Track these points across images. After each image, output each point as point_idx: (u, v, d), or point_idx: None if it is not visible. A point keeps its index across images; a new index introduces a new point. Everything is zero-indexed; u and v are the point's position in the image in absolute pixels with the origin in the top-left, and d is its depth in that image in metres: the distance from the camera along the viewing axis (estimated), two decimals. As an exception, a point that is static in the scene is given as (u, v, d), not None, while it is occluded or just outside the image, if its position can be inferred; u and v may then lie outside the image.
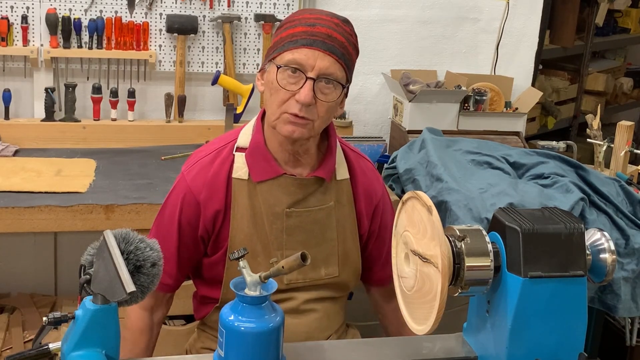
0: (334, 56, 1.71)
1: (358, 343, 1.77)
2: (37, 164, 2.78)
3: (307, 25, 1.72)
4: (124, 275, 1.29)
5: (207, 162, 1.82)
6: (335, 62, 1.71)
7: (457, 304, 1.87)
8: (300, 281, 1.85)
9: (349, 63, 1.76)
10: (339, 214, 1.87)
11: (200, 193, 1.80)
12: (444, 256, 1.26)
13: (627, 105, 5.71)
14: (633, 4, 5.53)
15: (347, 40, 1.74)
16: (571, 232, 1.34)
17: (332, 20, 1.74)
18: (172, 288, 1.90)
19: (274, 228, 1.81)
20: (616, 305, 2.22)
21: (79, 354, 1.31)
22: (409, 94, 3.14)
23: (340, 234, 1.87)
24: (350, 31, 1.77)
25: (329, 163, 1.85)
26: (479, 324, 1.46)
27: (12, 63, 3.01)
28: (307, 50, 1.70)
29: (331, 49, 1.71)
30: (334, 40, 1.71)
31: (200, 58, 3.19)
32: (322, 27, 1.72)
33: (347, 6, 3.30)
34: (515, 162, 2.59)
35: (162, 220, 1.85)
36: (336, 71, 1.72)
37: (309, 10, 1.80)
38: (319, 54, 1.69)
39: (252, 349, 1.37)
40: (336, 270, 1.88)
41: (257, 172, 1.79)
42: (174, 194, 1.84)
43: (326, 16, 1.75)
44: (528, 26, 3.59)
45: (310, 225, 1.83)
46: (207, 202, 1.80)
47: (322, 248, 1.85)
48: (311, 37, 1.70)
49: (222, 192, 1.80)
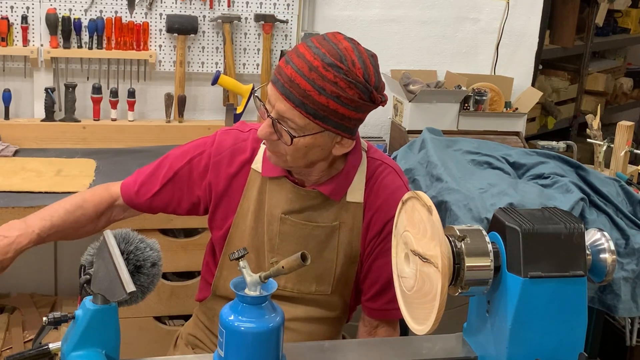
0: (289, 102, 1.60)
1: (358, 343, 1.77)
2: (37, 164, 2.78)
3: (285, 61, 1.62)
4: (124, 275, 1.30)
5: (240, 136, 1.83)
6: (292, 108, 1.60)
7: (457, 304, 1.87)
8: (287, 290, 1.81)
9: (315, 111, 1.59)
10: (342, 236, 1.79)
11: (217, 156, 1.82)
12: (444, 256, 1.26)
13: (627, 105, 5.71)
14: (633, 4, 5.53)
15: (317, 88, 1.57)
16: (571, 232, 1.34)
17: (311, 63, 1.58)
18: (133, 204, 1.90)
19: (270, 229, 1.80)
20: (616, 305, 2.22)
21: (79, 354, 1.31)
22: (409, 94, 3.14)
23: (341, 256, 1.81)
24: (333, 78, 1.57)
25: (339, 183, 1.76)
26: (479, 324, 1.46)
27: (12, 63, 3.01)
28: (271, 87, 1.63)
29: (287, 94, 1.60)
30: (294, 87, 1.59)
31: (200, 58, 3.19)
32: (291, 68, 1.60)
33: (347, 6, 3.30)
34: (515, 162, 2.60)
35: (175, 152, 1.89)
36: (294, 117, 1.60)
37: (313, 39, 1.64)
38: (278, 96, 1.61)
39: (252, 349, 1.37)
40: (328, 289, 1.83)
41: (267, 167, 1.79)
42: (200, 141, 1.87)
43: (312, 56, 1.59)
44: (528, 26, 3.59)
45: (305, 239, 1.78)
46: (215, 169, 1.81)
47: (317, 266, 1.79)
48: (277, 76, 1.62)
49: (232, 171, 1.81)
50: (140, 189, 1.88)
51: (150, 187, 1.87)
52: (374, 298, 1.83)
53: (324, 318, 1.88)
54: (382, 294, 1.81)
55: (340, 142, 1.68)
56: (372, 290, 1.83)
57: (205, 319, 1.96)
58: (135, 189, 1.89)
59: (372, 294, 1.83)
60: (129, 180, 1.92)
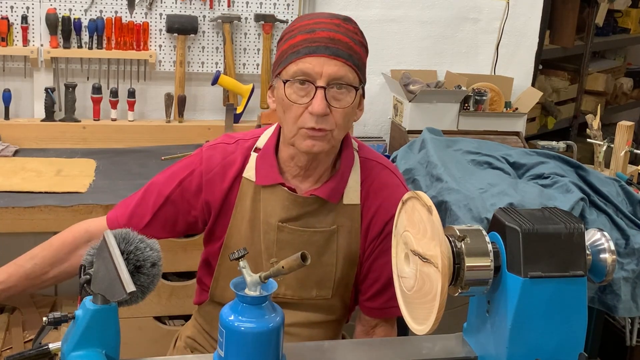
0: (340, 59, 1.61)
1: (358, 343, 1.77)
2: (37, 164, 2.78)
3: (307, 32, 1.63)
4: (124, 275, 1.29)
5: (227, 149, 1.78)
6: (343, 64, 1.61)
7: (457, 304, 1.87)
8: (288, 296, 1.79)
9: (359, 63, 1.65)
10: (341, 240, 1.77)
11: (208, 174, 1.76)
12: (444, 256, 1.26)
13: (627, 105, 5.71)
14: (633, 4, 5.53)
15: (352, 40, 1.64)
16: (571, 232, 1.34)
17: (331, 22, 1.64)
18: None
19: (267, 238, 1.76)
20: (616, 305, 2.22)
21: (79, 354, 1.30)
22: (409, 94, 3.14)
23: (340, 260, 1.79)
24: (354, 29, 1.67)
25: (335, 184, 1.74)
26: (479, 324, 1.46)
27: (12, 63, 3.01)
28: (311, 58, 1.60)
29: (336, 52, 1.61)
30: (338, 43, 1.61)
31: (200, 58, 3.19)
32: (322, 31, 1.62)
33: (347, 6, 3.30)
34: (515, 162, 2.60)
35: (160, 177, 1.82)
36: (346, 74, 1.62)
37: (307, 16, 1.70)
38: (325, 60, 1.60)
39: (252, 349, 1.37)
40: (329, 293, 1.81)
41: (261, 175, 1.75)
42: (186, 162, 1.81)
43: (325, 18, 1.66)
44: (528, 26, 3.59)
45: (304, 245, 1.73)
46: (209, 187, 1.77)
47: (317, 271, 1.78)
48: (313, 44, 1.61)
49: (225, 186, 1.76)
50: (129, 222, 1.77)
51: (141, 217, 1.78)
52: (374, 297, 1.82)
53: (324, 322, 1.87)
54: (382, 293, 1.80)
55: (359, 106, 1.72)
56: (372, 290, 1.82)
57: (204, 322, 1.95)
58: (124, 222, 1.77)
59: (371, 293, 1.82)
60: (114, 214, 1.82)
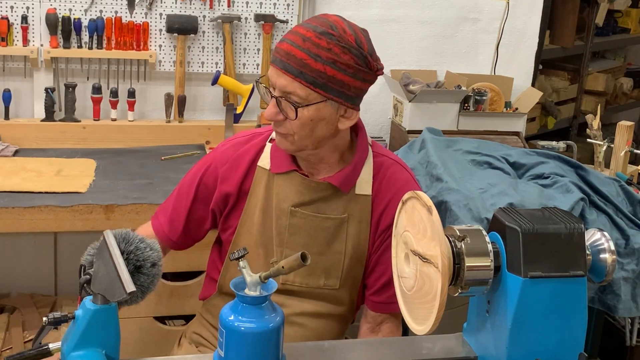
0: (289, 75, 1.65)
1: (358, 343, 1.77)
2: (37, 164, 2.78)
3: (281, 40, 1.70)
4: (124, 275, 1.30)
5: (240, 142, 1.89)
6: (292, 80, 1.65)
7: (457, 304, 1.87)
8: (296, 284, 1.84)
9: (315, 80, 1.65)
10: (351, 229, 1.83)
11: (223, 166, 1.86)
12: (444, 256, 1.26)
13: (627, 105, 5.70)
14: (633, 4, 5.53)
15: (312, 56, 1.64)
16: (571, 232, 1.34)
17: (303, 34, 1.66)
18: (173, 244, 1.95)
19: (279, 224, 1.82)
20: (616, 305, 2.22)
21: (79, 354, 1.31)
22: (409, 94, 3.14)
23: (349, 249, 1.83)
24: (327, 45, 1.64)
25: (348, 174, 1.81)
26: (479, 324, 1.46)
27: (12, 63, 3.01)
28: (272, 67, 1.70)
29: (286, 67, 1.66)
30: (291, 58, 1.65)
31: (200, 58, 3.19)
32: (285, 43, 1.67)
33: (347, 6, 3.30)
34: (515, 162, 2.59)
35: (186, 178, 1.94)
36: (295, 90, 1.66)
37: (305, 22, 1.73)
38: (278, 72, 1.68)
39: (252, 349, 1.37)
40: (337, 283, 1.85)
41: (275, 163, 1.82)
42: (204, 159, 1.93)
43: (304, 29, 1.67)
44: (528, 26, 3.59)
45: (315, 231, 1.81)
46: (225, 179, 1.85)
47: (326, 258, 1.83)
48: (276, 54, 1.69)
49: (240, 174, 1.84)
50: (171, 226, 1.93)
51: (179, 222, 1.92)
52: (380, 291, 1.86)
53: (331, 314, 1.89)
54: (388, 287, 1.82)
55: (344, 114, 1.73)
56: (379, 283, 1.86)
57: (210, 317, 1.97)
58: (167, 229, 1.93)
59: (378, 287, 1.86)
60: (157, 221, 1.96)
